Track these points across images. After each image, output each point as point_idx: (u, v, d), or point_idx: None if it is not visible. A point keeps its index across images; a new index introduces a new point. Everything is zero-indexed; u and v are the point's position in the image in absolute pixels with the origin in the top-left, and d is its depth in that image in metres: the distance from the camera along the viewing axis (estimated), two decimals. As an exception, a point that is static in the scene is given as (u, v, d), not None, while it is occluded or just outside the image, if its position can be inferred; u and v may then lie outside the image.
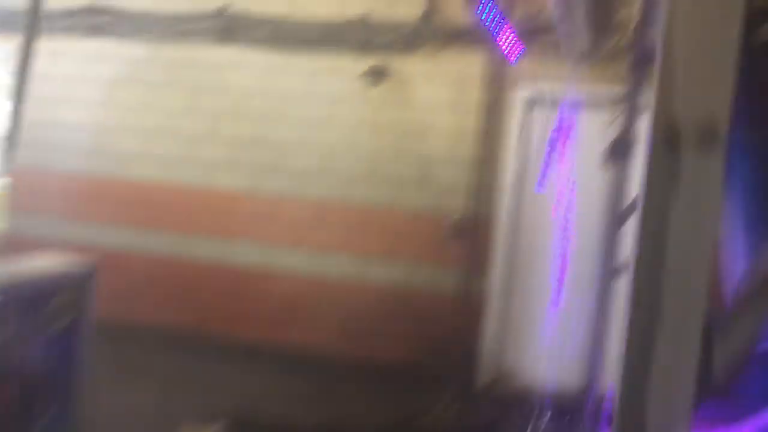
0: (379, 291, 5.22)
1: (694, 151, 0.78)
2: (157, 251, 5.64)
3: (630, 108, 3.19)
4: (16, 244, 4.44)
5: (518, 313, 5.06)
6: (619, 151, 3.25)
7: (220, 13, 5.41)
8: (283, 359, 5.09)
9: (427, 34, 5.03)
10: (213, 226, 5.56)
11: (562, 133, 3.95)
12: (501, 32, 3.94)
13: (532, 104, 4.93)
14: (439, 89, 5.06)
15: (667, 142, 0.79)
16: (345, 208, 5.29)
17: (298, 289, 5.39)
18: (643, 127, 3.03)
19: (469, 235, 5.01)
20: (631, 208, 3.13)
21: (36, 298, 2.79)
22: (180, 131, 5.59)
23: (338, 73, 5.25)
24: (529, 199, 5.02)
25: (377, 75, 5.10)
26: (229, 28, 5.41)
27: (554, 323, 4.26)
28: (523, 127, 4.95)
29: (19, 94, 3.29)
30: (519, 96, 4.92)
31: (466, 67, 5.00)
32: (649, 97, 0.86)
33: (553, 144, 3.85)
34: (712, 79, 0.78)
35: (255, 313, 5.43)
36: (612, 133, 3.29)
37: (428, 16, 5.00)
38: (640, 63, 2.94)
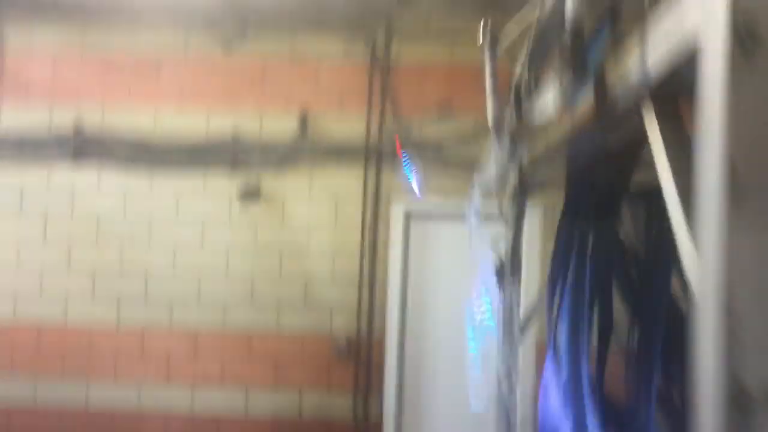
0: (263, 424, 4.85)
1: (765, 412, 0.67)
2: (3, 399, 4.95)
3: (515, 231, 3.22)
4: None
5: (419, 429, 4.89)
6: (501, 274, 3.26)
7: (73, 133, 5.04)
8: None
9: (301, 152, 4.94)
10: (70, 367, 4.97)
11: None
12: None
13: (410, 219, 4.94)
14: (317, 207, 4.95)
15: (734, 402, 0.67)
16: (221, 336, 4.94)
17: (172, 430, 4.89)
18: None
19: (357, 355, 4.83)
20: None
21: None
22: (30, 263, 5.04)
23: (208, 194, 5.01)
24: (416, 314, 4.95)
25: (250, 194, 4.91)
26: (83, 149, 5.04)
27: None
28: (405, 242, 4.93)
29: None
30: (398, 211, 4.90)
31: (343, 184, 4.94)
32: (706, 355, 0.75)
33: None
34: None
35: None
36: (497, 252, 3.31)
37: (302, 133, 4.92)
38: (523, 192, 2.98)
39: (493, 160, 3.01)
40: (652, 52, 1.08)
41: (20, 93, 5.14)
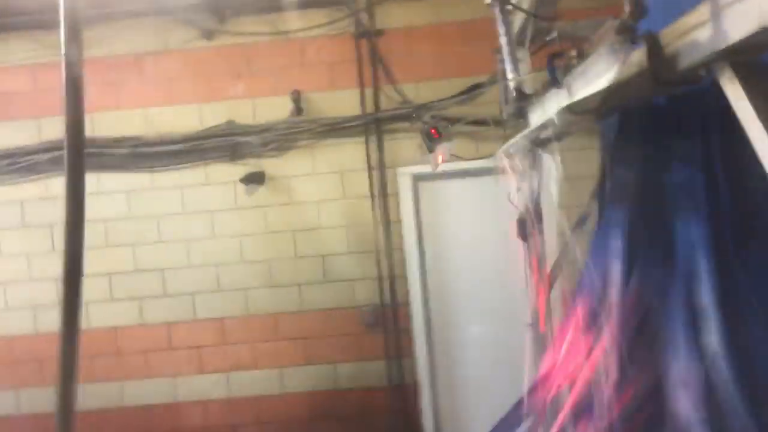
0: (300, 397, 4.93)
1: None
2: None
3: (532, 185, 3.25)
4: None
5: (454, 389, 4.98)
6: (523, 228, 3.30)
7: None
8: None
9: (299, 130, 4.90)
10: (99, 369, 4.99)
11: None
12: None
13: (418, 181, 4.94)
14: (323, 182, 4.94)
15: None
16: (247, 322, 4.96)
17: (210, 416, 4.96)
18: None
19: (384, 323, 4.88)
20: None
21: None
22: (43, 274, 5.02)
23: (212, 184, 4.97)
24: (436, 275, 5.00)
25: (254, 179, 4.88)
26: (79, 155, 4.96)
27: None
28: (416, 205, 4.95)
29: None
30: (405, 175, 4.90)
31: (346, 156, 4.92)
32: None
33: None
34: None
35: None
36: (516, 206, 3.34)
37: (297, 111, 4.87)
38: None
39: (509, 110, 2.99)
40: (734, 18, 1.08)
41: (2, 106, 5.04)
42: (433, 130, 3.97)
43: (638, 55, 1.46)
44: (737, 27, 1.08)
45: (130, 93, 5.01)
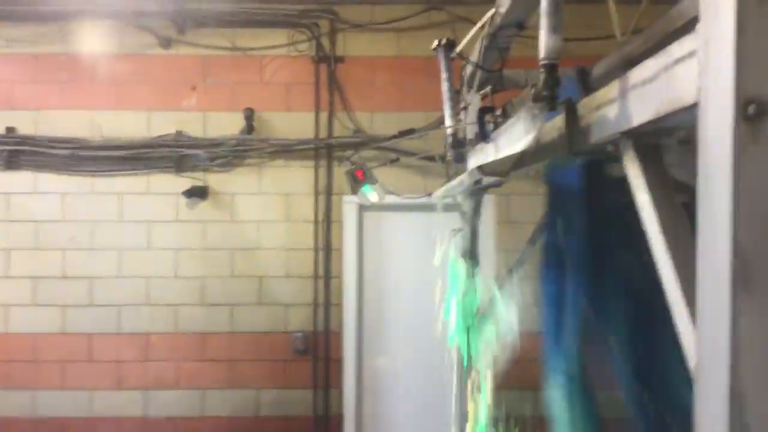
0: (220, 422, 4.79)
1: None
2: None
3: (473, 223, 3.24)
4: None
5: (380, 423, 4.91)
6: (461, 263, 3.29)
7: (5, 138, 4.80)
8: None
9: (248, 148, 4.83)
10: (15, 375, 4.80)
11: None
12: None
13: (363, 211, 4.90)
14: (268, 203, 4.86)
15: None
16: (173, 339, 4.83)
17: (126, 434, 4.80)
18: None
19: (315, 351, 4.80)
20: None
21: None
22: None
23: (153, 194, 4.85)
24: (373, 306, 4.94)
25: (197, 193, 4.78)
26: (16, 153, 4.81)
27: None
28: (359, 235, 4.90)
29: None
30: (351, 204, 4.85)
31: (294, 179, 4.87)
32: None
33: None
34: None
35: (77, 470, 4.73)
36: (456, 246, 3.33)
37: (248, 129, 4.81)
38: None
39: (450, 155, 2.98)
40: (635, 101, 1.07)
41: None
42: (358, 173, 3.95)
43: (557, 123, 1.45)
44: (639, 111, 1.07)
45: (78, 93, 4.88)
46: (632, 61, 1.47)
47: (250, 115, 4.82)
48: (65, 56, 4.86)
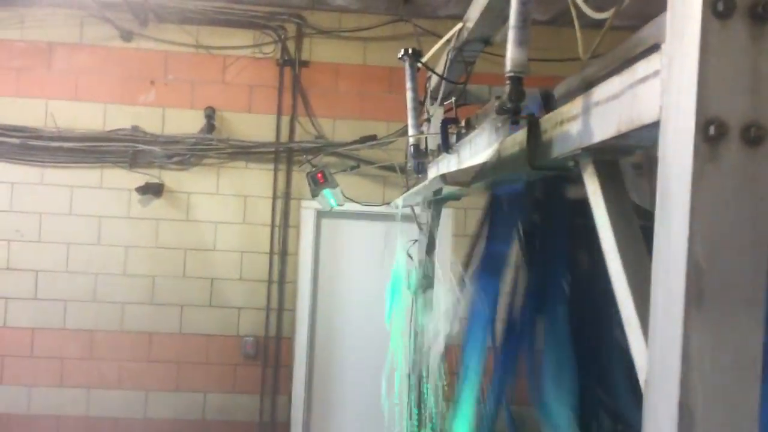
0: (163, 425, 4.69)
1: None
2: None
3: (429, 235, 3.24)
4: None
5: (327, 430, 4.87)
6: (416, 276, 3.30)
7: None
8: None
9: (207, 147, 4.76)
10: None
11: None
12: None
13: (321, 217, 4.88)
14: (225, 204, 4.80)
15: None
16: (119, 338, 4.71)
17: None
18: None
19: (265, 356, 4.74)
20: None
21: None
22: None
23: (105, 188, 4.74)
24: (326, 314, 4.91)
25: (151, 190, 4.69)
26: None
27: None
28: (316, 241, 4.87)
29: None
30: (309, 209, 4.82)
31: (252, 181, 4.81)
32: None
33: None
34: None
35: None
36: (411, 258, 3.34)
37: (208, 128, 4.74)
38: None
39: (411, 166, 3.00)
40: (598, 118, 1.09)
41: None
42: (319, 175, 3.94)
43: (518, 137, 1.46)
44: (600, 128, 1.08)
45: (34, 82, 4.75)
46: (593, 83, 1.50)
47: (211, 114, 4.76)
48: (22, 43, 4.73)
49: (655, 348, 0.83)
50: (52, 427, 4.65)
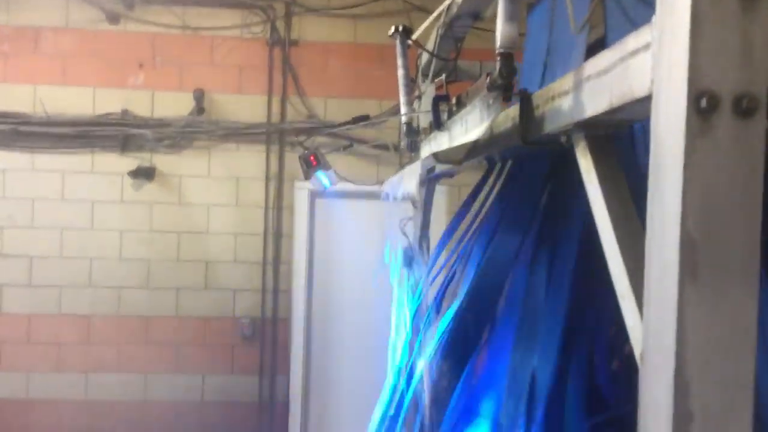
0: (163, 407, 4.72)
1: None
2: None
3: (424, 214, 3.24)
4: None
5: (326, 411, 4.90)
6: (409, 257, 3.30)
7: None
8: None
9: (198, 130, 4.73)
10: (-53, 358, 4.63)
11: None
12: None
13: (314, 198, 4.87)
14: (217, 187, 4.78)
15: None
16: (116, 321, 4.72)
17: (65, 417, 4.67)
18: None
19: (262, 337, 4.76)
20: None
21: None
22: None
23: (97, 173, 4.72)
24: (322, 294, 4.92)
25: (143, 173, 4.67)
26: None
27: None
28: (310, 221, 4.87)
29: None
30: (302, 190, 4.81)
31: (244, 163, 4.79)
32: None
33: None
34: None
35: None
36: (406, 235, 3.33)
37: (198, 110, 4.71)
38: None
39: (404, 143, 2.98)
40: (590, 93, 1.08)
41: None
42: (312, 157, 3.92)
43: (511, 113, 1.46)
44: (592, 102, 1.07)
45: (22, 66, 4.71)
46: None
47: (200, 96, 4.72)
48: (8, 28, 4.68)
49: (650, 322, 0.83)
50: (51, 412, 4.67)
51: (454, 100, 1.71)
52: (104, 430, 4.69)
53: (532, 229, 1.68)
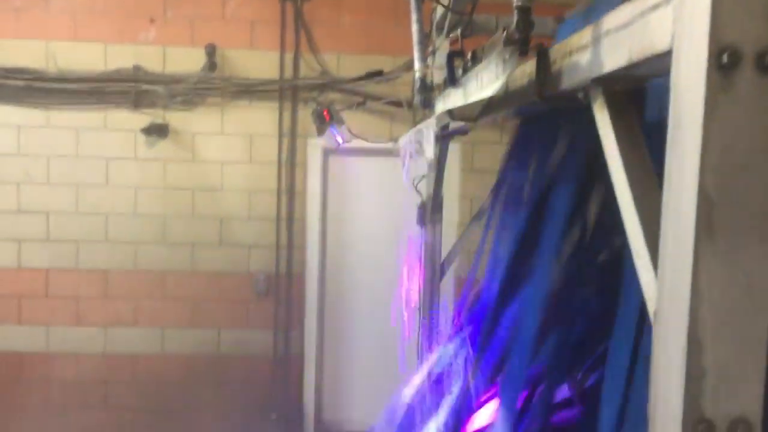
0: (180, 359, 4.81)
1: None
2: None
3: (437, 171, 3.23)
4: None
5: (339, 365, 4.98)
6: (422, 214, 3.30)
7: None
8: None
9: (210, 87, 4.71)
10: (-31, 311, 4.72)
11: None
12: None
13: (328, 154, 4.86)
14: (230, 143, 4.78)
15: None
16: (133, 276, 4.78)
17: (84, 370, 4.78)
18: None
19: (277, 292, 4.81)
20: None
21: None
22: None
23: (111, 130, 4.73)
24: (336, 249, 4.95)
25: (157, 130, 4.67)
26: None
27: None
28: (323, 178, 4.87)
29: None
30: (316, 146, 4.80)
31: (257, 120, 4.78)
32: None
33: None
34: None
35: (37, 402, 4.73)
36: (420, 192, 3.33)
37: (210, 67, 4.67)
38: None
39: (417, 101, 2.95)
40: (608, 48, 1.06)
41: None
42: (325, 112, 3.89)
43: (527, 68, 1.44)
44: (611, 57, 1.06)
45: (33, 22, 4.68)
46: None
47: (212, 51, 4.68)
48: (18, -18, 4.64)
49: (665, 280, 0.83)
50: (71, 364, 4.78)
51: (469, 56, 1.69)
52: (122, 382, 4.80)
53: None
